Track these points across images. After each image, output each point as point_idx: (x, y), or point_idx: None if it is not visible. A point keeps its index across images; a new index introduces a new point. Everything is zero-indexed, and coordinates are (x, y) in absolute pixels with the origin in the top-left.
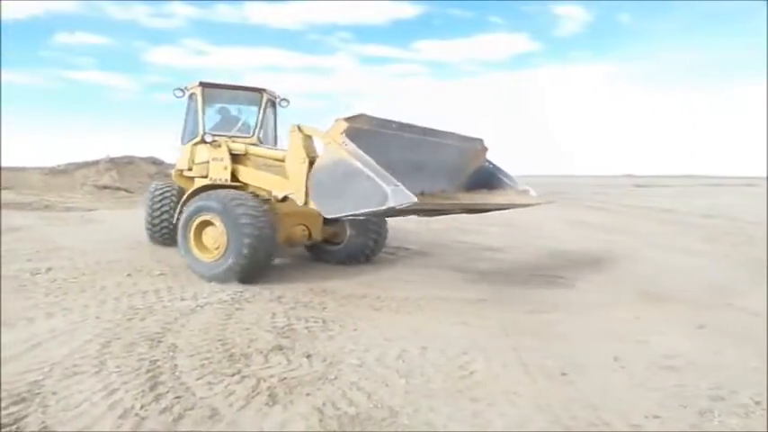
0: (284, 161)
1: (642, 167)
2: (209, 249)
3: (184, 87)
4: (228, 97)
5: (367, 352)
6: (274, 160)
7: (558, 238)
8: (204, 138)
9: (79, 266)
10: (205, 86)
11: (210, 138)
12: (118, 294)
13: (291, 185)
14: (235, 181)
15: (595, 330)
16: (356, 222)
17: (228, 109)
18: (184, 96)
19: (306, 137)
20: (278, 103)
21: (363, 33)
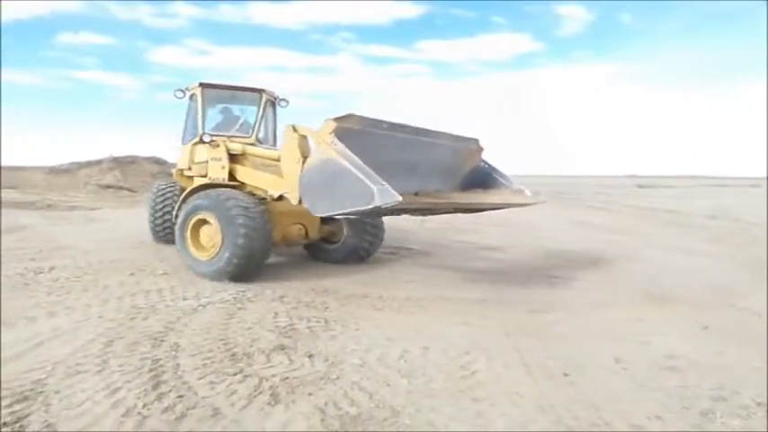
0: (279, 161)
1: (645, 168)
2: (205, 248)
3: (185, 88)
4: (229, 97)
5: (369, 352)
6: (270, 160)
7: (560, 239)
8: (202, 138)
9: (82, 265)
10: (205, 87)
11: (209, 138)
12: (120, 294)
13: (286, 185)
14: (232, 180)
15: (597, 331)
16: (353, 222)
17: (231, 109)
18: (185, 97)
19: (300, 137)
20: (277, 104)
21: (366, 33)
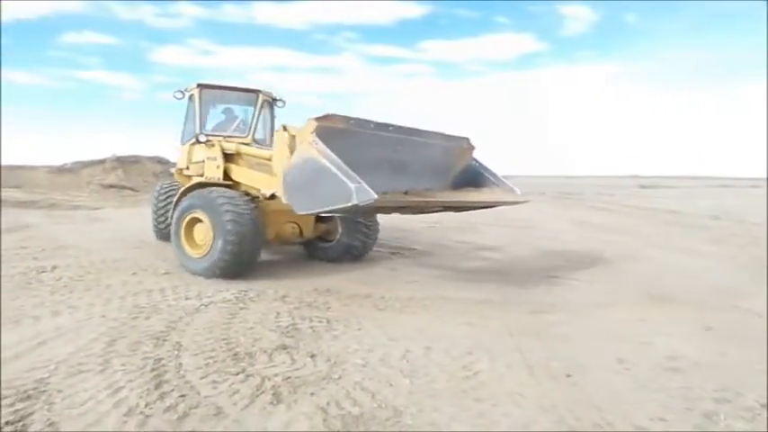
0: (271, 160)
1: (647, 168)
2: (199, 245)
3: (184, 89)
4: (226, 98)
5: (371, 352)
6: (263, 159)
7: (562, 239)
8: (198, 138)
9: (85, 265)
10: (202, 88)
11: (204, 138)
12: (123, 293)
13: (278, 184)
14: (227, 179)
15: (599, 331)
16: (347, 220)
17: (232, 110)
18: (184, 98)
19: (290, 136)
20: (275, 104)
21: (369, 33)
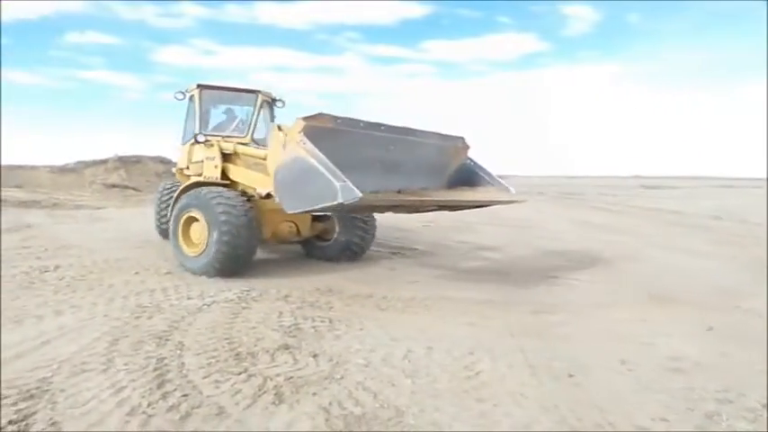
0: (267, 159)
1: (650, 168)
2: (195, 244)
3: (185, 90)
4: (226, 99)
5: (373, 352)
6: (259, 159)
7: (563, 239)
8: (197, 138)
9: (87, 264)
10: (202, 88)
11: (203, 138)
12: (126, 292)
13: (272, 183)
14: (225, 179)
15: (601, 332)
16: (344, 219)
17: (233, 110)
18: (185, 98)
19: (285, 136)
20: (274, 104)
21: (371, 33)
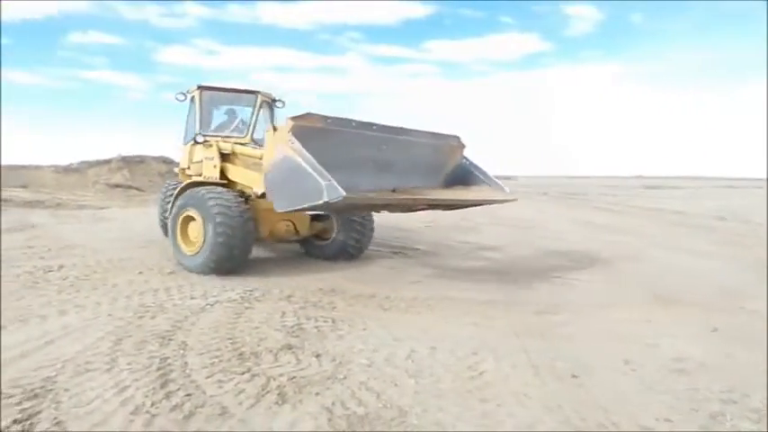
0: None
1: (652, 168)
2: (193, 243)
3: (186, 91)
4: (226, 99)
5: (376, 352)
6: (257, 158)
7: (566, 239)
8: (195, 138)
9: (91, 264)
10: (203, 89)
11: (202, 138)
12: (129, 292)
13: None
14: (224, 179)
15: (605, 332)
16: (342, 219)
17: (234, 110)
18: (186, 100)
19: None
20: (274, 104)
21: (374, 33)
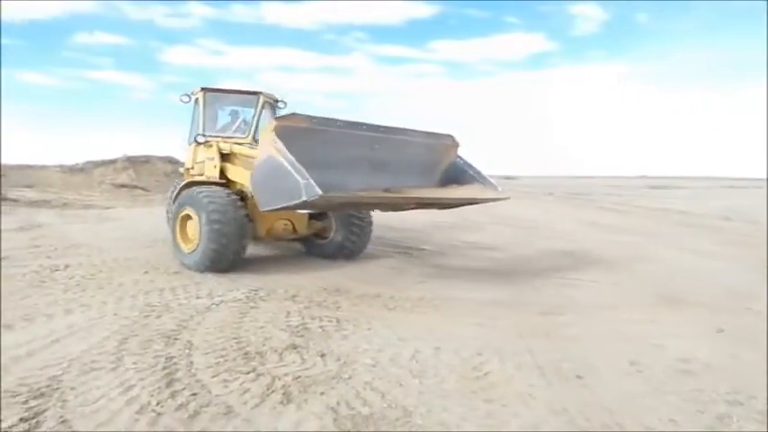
0: None
1: (657, 168)
2: (191, 241)
3: (190, 93)
4: (229, 100)
5: (381, 352)
6: (253, 158)
7: (571, 239)
8: (196, 139)
9: (97, 264)
10: (206, 91)
11: (203, 139)
12: (135, 292)
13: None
14: (223, 178)
15: (610, 333)
16: (341, 219)
17: (237, 111)
18: (190, 101)
19: None
20: (276, 105)
21: (379, 33)
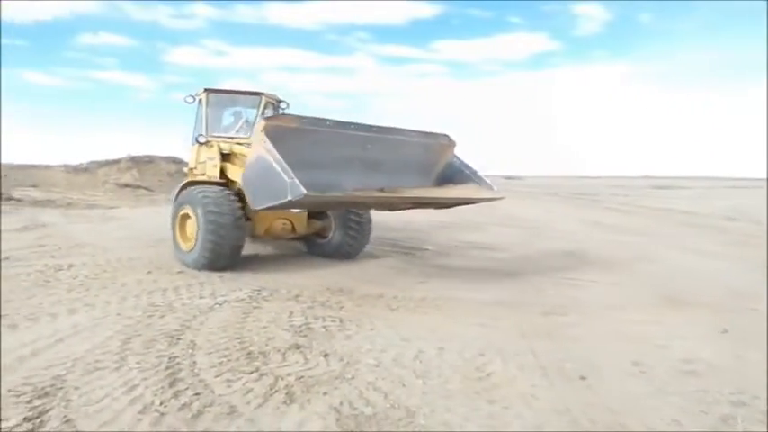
0: None
1: (660, 169)
2: (189, 239)
3: (194, 94)
4: (232, 101)
5: (384, 352)
6: None
7: (574, 240)
8: (198, 139)
9: (101, 263)
10: (209, 92)
11: (204, 139)
12: (138, 291)
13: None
14: (223, 178)
15: (613, 333)
16: (340, 219)
17: (240, 112)
18: (194, 102)
19: None
20: (278, 106)
21: (381, 33)
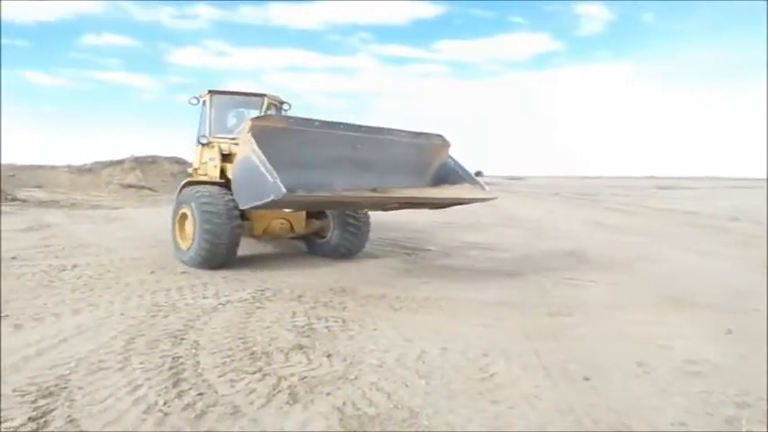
0: None
1: (664, 169)
2: (188, 238)
3: (199, 95)
4: (236, 102)
5: (387, 352)
6: None
7: (578, 240)
8: (200, 140)
9: (104, 263)
10: (213, 93)
11: (205, 140)
12: (142, 291)
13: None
14: (224, 178)
15: (617, 334)
16: (338, 219)
17: (243, 113)
18: (199, 103)
19: None
20: (280, 107)
21: (384, 34)
